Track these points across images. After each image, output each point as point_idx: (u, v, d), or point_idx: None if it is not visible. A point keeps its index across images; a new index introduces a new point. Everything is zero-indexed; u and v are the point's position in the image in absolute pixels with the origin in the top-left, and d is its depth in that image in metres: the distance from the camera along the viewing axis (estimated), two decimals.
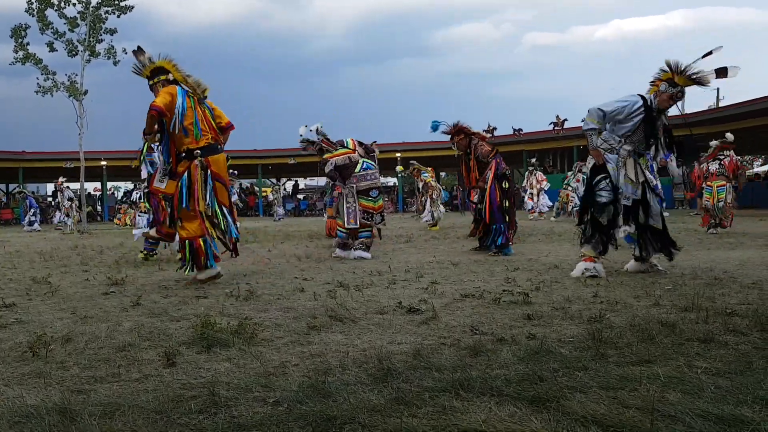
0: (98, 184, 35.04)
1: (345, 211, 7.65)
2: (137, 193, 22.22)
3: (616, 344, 2.90)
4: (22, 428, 2.01)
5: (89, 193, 32.16)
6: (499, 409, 2.08)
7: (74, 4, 20.21)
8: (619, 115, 5.29)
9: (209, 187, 5.26)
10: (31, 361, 2.87)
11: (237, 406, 2.19)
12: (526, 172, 19.86)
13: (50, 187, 30.84)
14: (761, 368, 2.47)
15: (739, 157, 11.70)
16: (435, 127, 8.56)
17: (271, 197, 28.28)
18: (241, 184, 39.69)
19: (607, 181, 5.37)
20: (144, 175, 8.32)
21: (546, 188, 18.70)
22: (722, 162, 11.19)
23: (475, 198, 8.33)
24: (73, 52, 20.48)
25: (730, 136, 11.23)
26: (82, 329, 3.53)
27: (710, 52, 5.12)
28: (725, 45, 5.12)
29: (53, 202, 27.34)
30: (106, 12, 20.43)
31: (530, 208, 19.08)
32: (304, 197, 39.06)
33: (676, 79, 5.20)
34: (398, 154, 32.51)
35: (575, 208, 14.30)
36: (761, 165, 35.46)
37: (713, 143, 11.48)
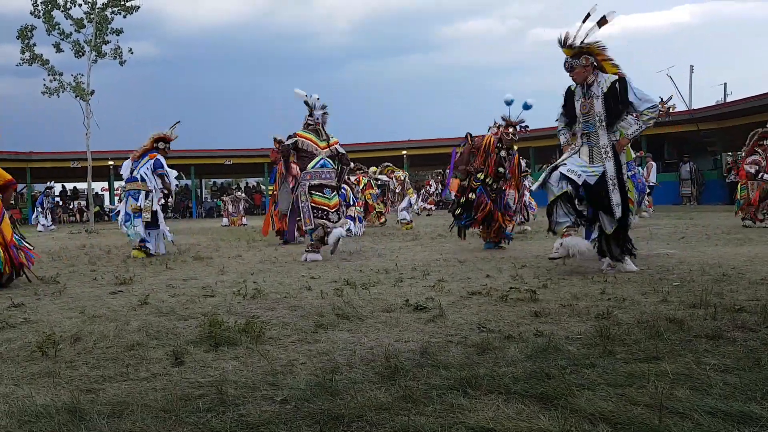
0: (105, 184, 35.19)
1: (302, 212, 7.47)
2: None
3: (623, 341, 2.89)
4: (31, 427, 2.02)
5: (96, 193, 32.29)
6: (507, 407, 2.08)
7: (80, 5, 20.34)
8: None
9: None
10: (41, 360, 2.89)
11: (245, 405, 2.20)
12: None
13: (57, 188, 30.89)
14: None
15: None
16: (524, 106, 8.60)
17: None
18: (247, 183, 39.82)
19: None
20: None
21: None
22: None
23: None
24: (80, 53, 20.61)
25: None
26: (90, 328, 3.55)
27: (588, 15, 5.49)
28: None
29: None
30: (112, 12, 20.55)
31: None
32: None
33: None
34: (404, 152, 32.47)
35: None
36: None
37: None
